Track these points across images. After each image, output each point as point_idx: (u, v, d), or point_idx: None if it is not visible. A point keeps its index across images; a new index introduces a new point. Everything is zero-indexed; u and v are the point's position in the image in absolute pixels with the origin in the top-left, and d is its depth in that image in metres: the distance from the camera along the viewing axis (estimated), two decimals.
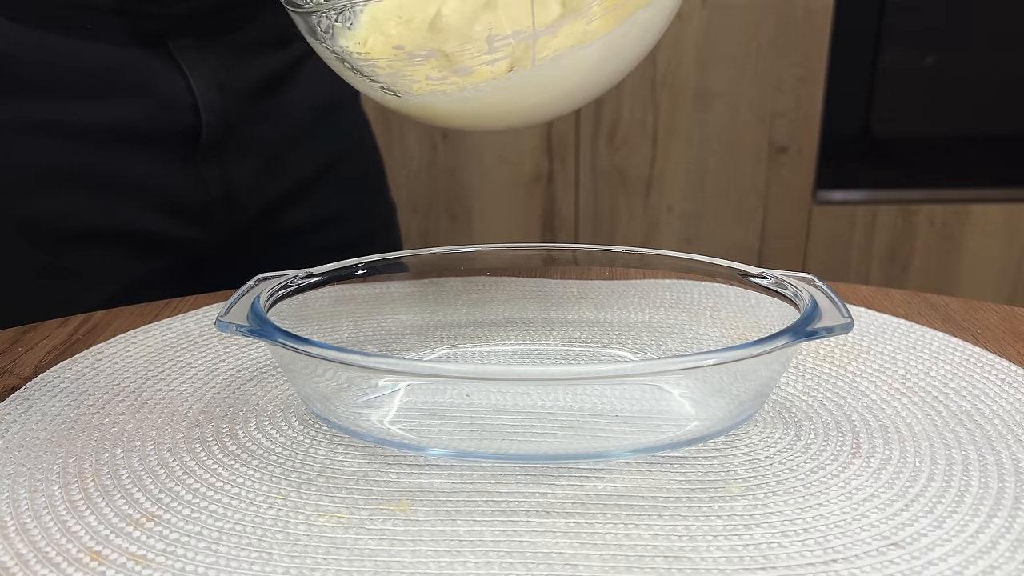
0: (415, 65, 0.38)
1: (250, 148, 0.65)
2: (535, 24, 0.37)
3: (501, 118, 0.42)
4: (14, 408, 0.38)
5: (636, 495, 0.31)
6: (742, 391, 0.36)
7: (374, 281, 0.48)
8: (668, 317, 0.47)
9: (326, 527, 0.30)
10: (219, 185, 0.63)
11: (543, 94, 0.40)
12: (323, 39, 0.40)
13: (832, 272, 1.53)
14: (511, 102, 0.40)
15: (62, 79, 0.57)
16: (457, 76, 0.38)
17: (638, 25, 0.39)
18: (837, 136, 1.51)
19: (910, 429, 0.36)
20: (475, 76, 0.38)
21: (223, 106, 0.62)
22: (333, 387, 0.36)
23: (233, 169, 0.64)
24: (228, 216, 0.65)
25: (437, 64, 0.38)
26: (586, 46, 0.38)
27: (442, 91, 0.39)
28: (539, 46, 0.37)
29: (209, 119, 0.61)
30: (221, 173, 0.63)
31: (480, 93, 0.39)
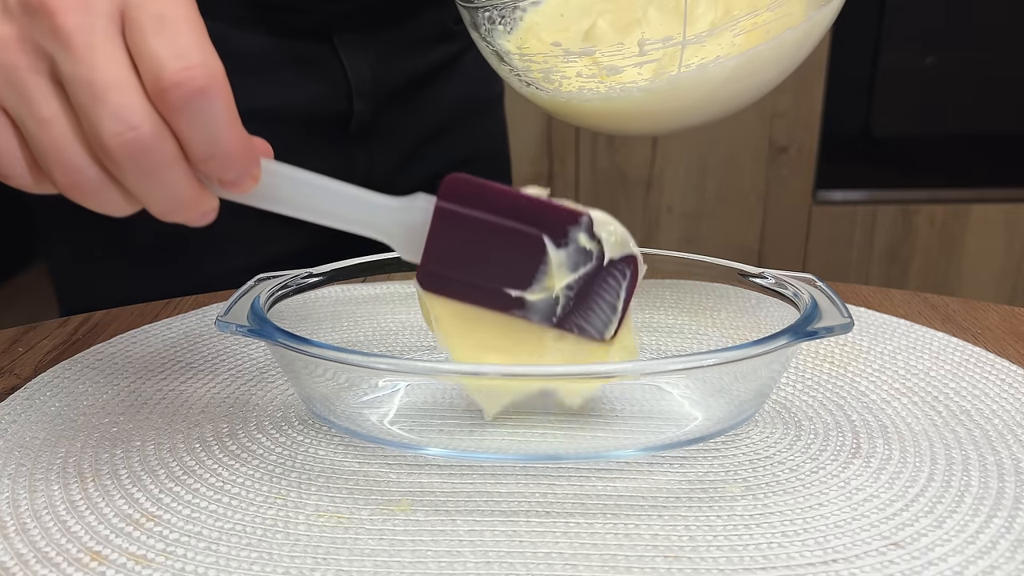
0: (569, 62, 0.41)
1: (398, 136, 0.68)
2: (685, 33, 0.39)
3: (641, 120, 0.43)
4: (14, 408, 0.38)
5: (636, 495, 0.31)
6: (742, 391, 0.36)
7: (374, 281, 0.48)
8: (668, 317, 0.47)
9: (326, 527, 0.30)
10: (364, 169, 0.67)
11: (684, 100, 0.41)
12: (484, 35, 0.44)
13: (832, 272, 1.53)
14: (653, 105, 0.41)
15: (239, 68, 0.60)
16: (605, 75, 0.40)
17: (785, 43, 0.41)
18: (837, 136, 1.51)
19: (910, 429, 0.36)
20: (622, 77, 0.40)
21: (376, 96, 0.65)
22: (333, 387, 0.36)
23: (380, 155, 0.67)
24: None
25: (589, 62, 0.41)
26: (731, 57, 0.39)
27: (589, 89, 0.41)
28: (687, 54, 0.39)
29: (360, 107, 0.64)
30: (366, 157, 0.67)
31: (625, 93, 0.40)
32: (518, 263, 0.33)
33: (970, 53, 1.53)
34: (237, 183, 0.31)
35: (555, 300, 0.33)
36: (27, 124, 0.28)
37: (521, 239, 0.33)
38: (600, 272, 0.33)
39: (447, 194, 0.33)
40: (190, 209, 0.31)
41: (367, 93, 0.65)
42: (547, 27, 0.43)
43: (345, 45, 0.63)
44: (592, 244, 0.33)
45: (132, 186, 0.29)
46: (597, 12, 0.41)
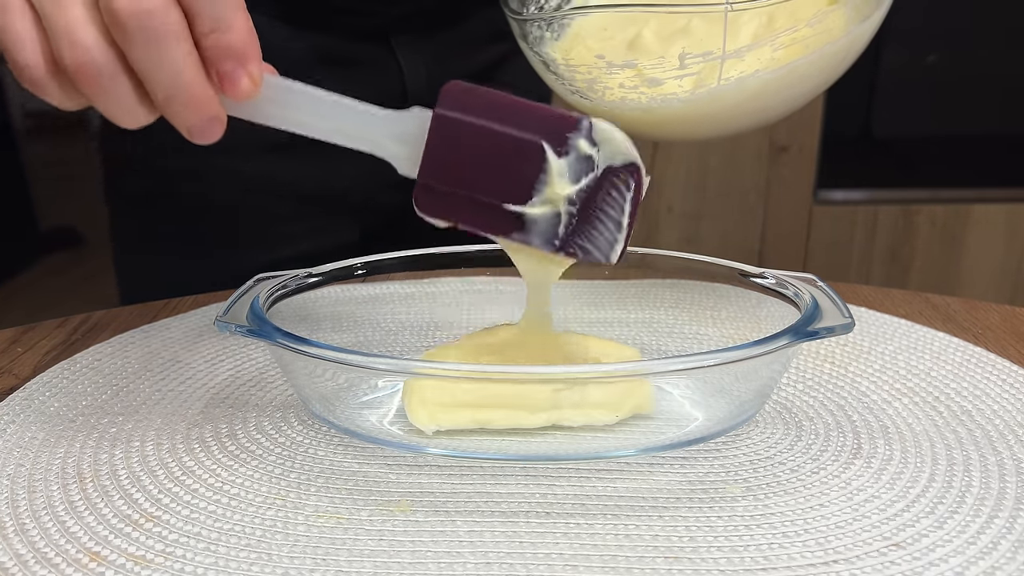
0: (612, 74, 0.42)
1: None
2: (725, 47, 0.39)
3: (681, 129, 0.45)
4: (13, 408, 0.38)
5: (636, 496, 0.31)
6: (743, 391, 0.36)
7: (374, 281, 0.48)
8: (668, 317, 0.47)
9: (325, 528, 0.30)
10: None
11: (723, 111, 0.42)
12: (532, 44, 0.45)
13: (833, 272, 1.53)
14: (692, 115, 0.42)
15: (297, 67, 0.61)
16: (647, 87, 0.41)
17: (824, 57, 0.41)
18: (838, 136, 1.51)
19: (911, 429, 0.36)
20: (663, 88, 0.41)
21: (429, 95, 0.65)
22: (333, 387, 0.36)
23: None
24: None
25: (631, 74, 0.42)
26: (770, 71, 0.40)
27: (631, 99, 0.42)
28: (726, 67, 0.40)
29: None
30: None
31: (665, 104, 0.42)
32: (517, 174, 0.32)
33: (970, 53, 1.53)
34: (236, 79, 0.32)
35: (556, 217, 0.33)
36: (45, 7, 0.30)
37: (520, 147, 0.32)
38: (603, 184, 0.32)
39: (446, 101, 0.33)
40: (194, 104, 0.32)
41: (421, 93, 0.65)
42: (593, 35, 0.44)
43: (402, 47, 0.65)
44: (593, 151, 0.32)
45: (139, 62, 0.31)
46: (642, 22, 0.42)
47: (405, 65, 0.65)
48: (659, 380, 0.38)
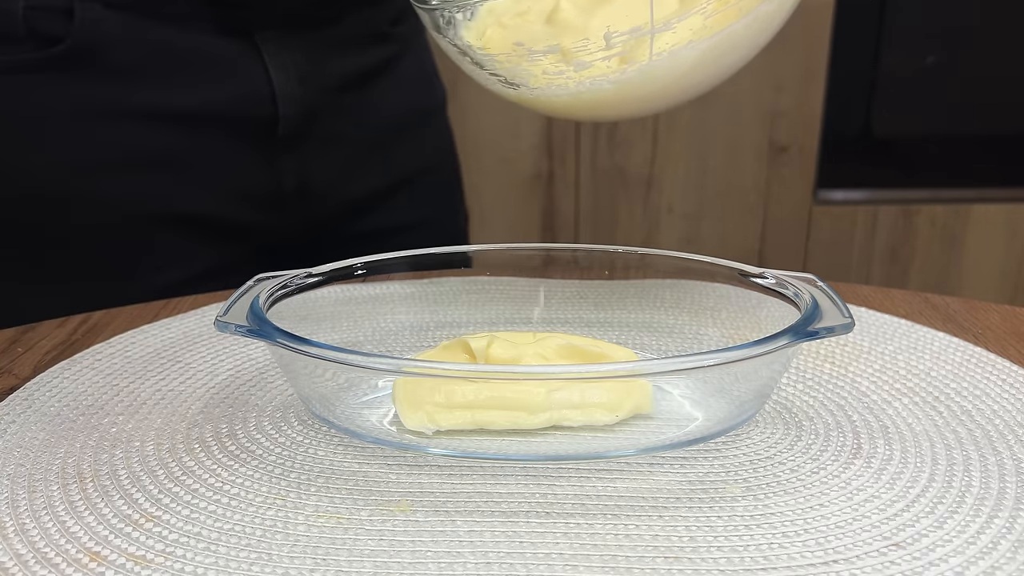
0: (534, 60, 0.39)
1: (333, 144, 0.65)
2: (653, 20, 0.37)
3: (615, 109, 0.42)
4: (13, 408, 0.38)
5: (636, 496, 0.31)
6: (743, 391, 0.36)
7: (374, 281, 0.48)
8: (668, 317, 0.47)
9: (326, 528, 0.30)
10: (295, 177, 0.64)
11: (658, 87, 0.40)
12: (445, 32, 0.42)
13: (833, 272, 1.53)
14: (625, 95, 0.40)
15: (149, 65, 0.59)
16: (573, 71, 0.39)
17: (760, 19, 0.39)
18: (838, 136, 1.51)
19: (911, 429, 0.36)
20: (591, 71, 0.39)
21: (304, 99, 0.62)
22: (333, 387, 0.36)
23: (312, 163, 0.64)
24: (301, 209, 0.65)
25: (555, 59, 0.39)
26: (704, 40, 0.38)
27: (559, 84, 0.40)
28: (657, 41, 0.37)
29: (287, 110, 0.62)
30: (298, 166, 0.64)
31: (595, 87, 0.39)
32: None
33: (971, 53, 1.53)
34: None
35: None
36: None
37: None
38: None
39: None
40: None
41: (294, 96, 0.61)
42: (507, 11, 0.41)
43: (267, 43, 0.60)
44: None
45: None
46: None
47: (271, 64, 0.61)
48: (659, 380, 0.38)
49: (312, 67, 0.62)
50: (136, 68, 0.58)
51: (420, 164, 0.71)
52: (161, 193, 0.60)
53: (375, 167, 0.68)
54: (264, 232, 0.65)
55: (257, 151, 0.62)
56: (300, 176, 0.64)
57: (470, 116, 1.45)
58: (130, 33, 0.58)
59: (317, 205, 0.66)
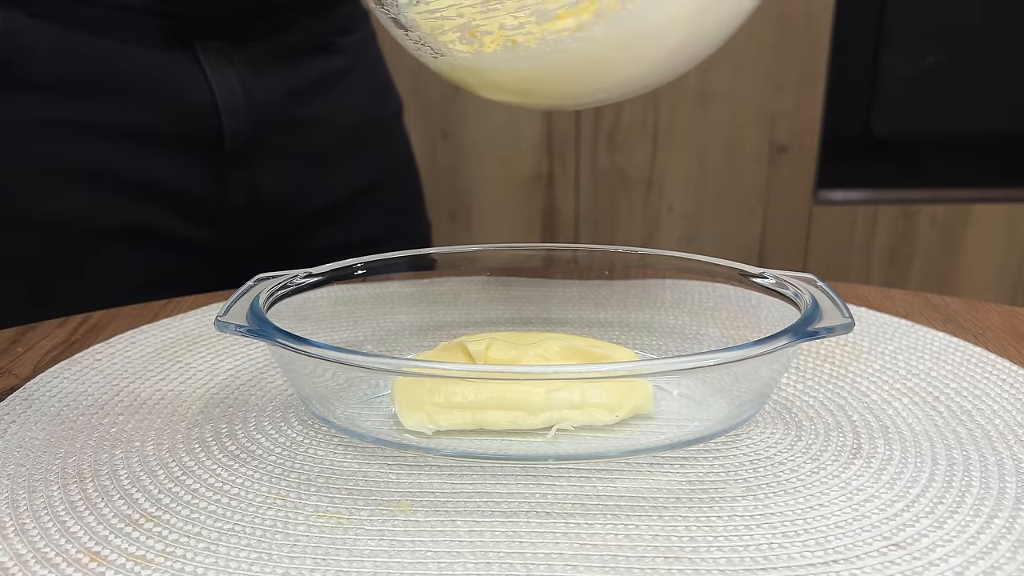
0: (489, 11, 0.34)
1: (283, 158, 0.63)
2: None
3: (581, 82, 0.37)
4: (13, 408, 0.38)
5: (636, 496, 0.31)
6: (743, 391, 0.36)
7: (374, 281, 0.48)
8: (668, 317, 0.47)
9: (326, 528, 0.30)
10: (244, 192, 0.62)
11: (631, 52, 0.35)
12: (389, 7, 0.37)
13: (833, 272, 1.53)
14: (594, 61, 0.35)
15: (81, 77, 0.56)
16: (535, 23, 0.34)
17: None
18: (838, 136, 1.51)
19: (911, 429, 0.36)
20: (555, 24, 0.34)
21: (250, 112, 0.60)
22: (333, 387, 0.36)
23: (263, 177, 0.63)
24: (253, 224, 0.64)
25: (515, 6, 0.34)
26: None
27: (518, 46, 0.34)
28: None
29: (232, 124, 0.60)
30: (248, 180, 0.62)
31: (560, 46, 0.34)
32: None
33: (971, 53, 1.53)
34: None
35: None
36: None
37: None
38: None
39: None
40: None
41: (239, 110, 0.60)
42: None
43: (208, 55, 0.58)
44: None
45: None
46: None
47: (213, 77, 0.58)
48: (659, 380, 0.38)
49: (257, 79, 0.60)
50: (66, 79, 0.56)
51: (376, 176, 0.70)
52: (102, 208, 0.58)
53: (329, 180, 0.66)
54: (212, 246, 0.63)
55: (203, 166, 0.60)
56: (250, 190, 0.62)
57: (470, 116, 1.45)
58: (57, 44, 0.55)
59: (269, 220, 0.64)
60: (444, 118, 1.46)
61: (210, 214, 0.62)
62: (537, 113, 1.46)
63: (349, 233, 0.69)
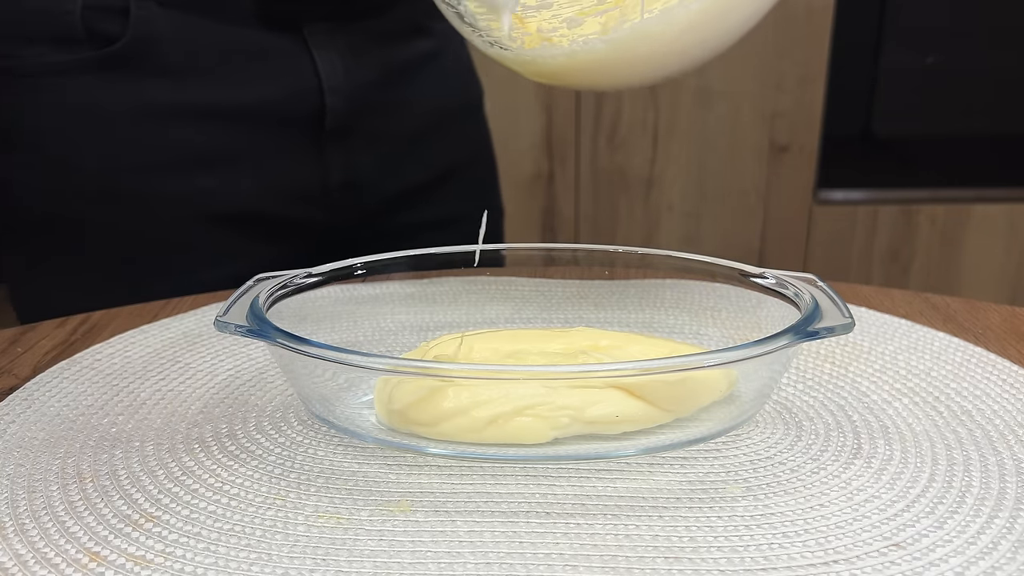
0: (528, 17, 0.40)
1: (376, 138, 0.66)
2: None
3: (611, 73, 0.41)
4: (13, 408, 0.38)
5: (636, 496, 0.31)
6: (743, 391, 0.36)
7: (374, 281, 0.48)
8: (668, 317, 0.47)
9: (325, 528, 0.30)
10: (341, 171, 0.65)
11: (652, 48, 0.39)
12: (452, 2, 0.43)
13: (833, 272, 1.53)
14: (619, 56, 0.39)
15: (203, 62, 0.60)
16: (566, 28, 0.39)
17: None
18: (838, 136, 1.51)
19: (911, 430, 0.36)
20: (584, 28, 0.39)
21: (348, 91, 0.63)
22: (333, 387, 0.36)
23: (359, 157, 0.65)
24: (348, 203, 0.66)
25: (548, 16, 0.40)
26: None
27: (552, 45, 0.40)
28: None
29: (333, 103, 0.62)
30: (345, 160, 0.65)
31: (588, 46, 0.39)
32: None
33: (971, 53, 1.53)
34: None
35: None
36: None
37: None
38: None
39: None
40: None
41: (339, 88, 0.63)
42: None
43: (314, 36, 0.61)
44: None
45: None
46: None
47: (319, 58, 0.62)
48: (659, 380, 0.38)
49: (356, 60, 0.64)
50: (189, 66, 0.59)
51: (459, 159, 0.72)
52: (209, 192, 0.61)
53: (416, 161, 0.69)
54: (312, 227, 0.66)
55: (306, 146, 0.63)
56: (346, 170, 0.65)
57: None
58: (183, 31, 0.58)
59: (362, 199, 0.67)
60: None
61: (311, 193, 0.65)
62: (537, 113, 1.46)
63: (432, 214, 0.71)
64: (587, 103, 1.45)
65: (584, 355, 0.37)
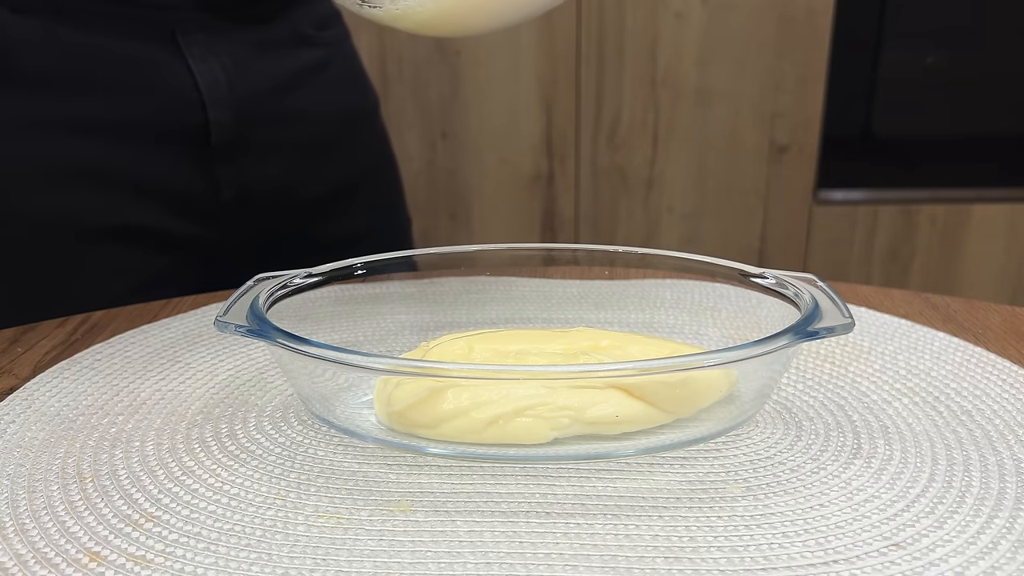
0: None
1: (269, 151, 0.64)
2: None
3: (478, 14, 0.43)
4: (13, 408, 0.38)
5: (636, 496, 0.31)
6: (743, 391, 0.36)
7: (374, 281, 0.48)
8: (668, 317, 0.47)
9: (325, 528, 0.30)
10: (233, 186, 0.63)
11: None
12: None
13: (833, 272, 1.53)
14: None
15: (68, 73, 0.57)
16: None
17: None
18: (838, 136, 1.51)
19: (911, 429, 0.36)
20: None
21: (233, 103, 0.61)
22: (333, 387, 0.36)
23: (251, 171, 0.63)
24: (242, 218, 0.64)
25: None
26: None
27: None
28: None
29: (217, 116, 0.60)
30: (236, 174, 0.63)
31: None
32: None
33: (971, 53, 1.53)
34: None
35: None
36: None
37: None
38: None
39: None
40: None
41: (223, 101, 0.60)
42: None
43: (191, 47, 0.59)
44: None
45: None
46: None
47: (197, 69, 0.59)
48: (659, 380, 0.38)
49: (240, 71, 0.61)
50: (55, 76, 0.56)
51: (358, 169, 0.71)
52: (94, 206, 0.58)
53: (311, 173, 0.67)
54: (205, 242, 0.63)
55: (192, 160, 0.61)
56: (239, 185, 0.63)
57: (470, 116, 1.45)
58: (45, 39, 0.55)
59: (259, 214, 0.65)
60: (444, 119, 1.46)
61: (202, 210, 0.63)
62: (537, 113, 1.46)
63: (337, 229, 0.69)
64: (587, 103, 1.45)
65: (584, 356, 0.37)
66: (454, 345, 0.37)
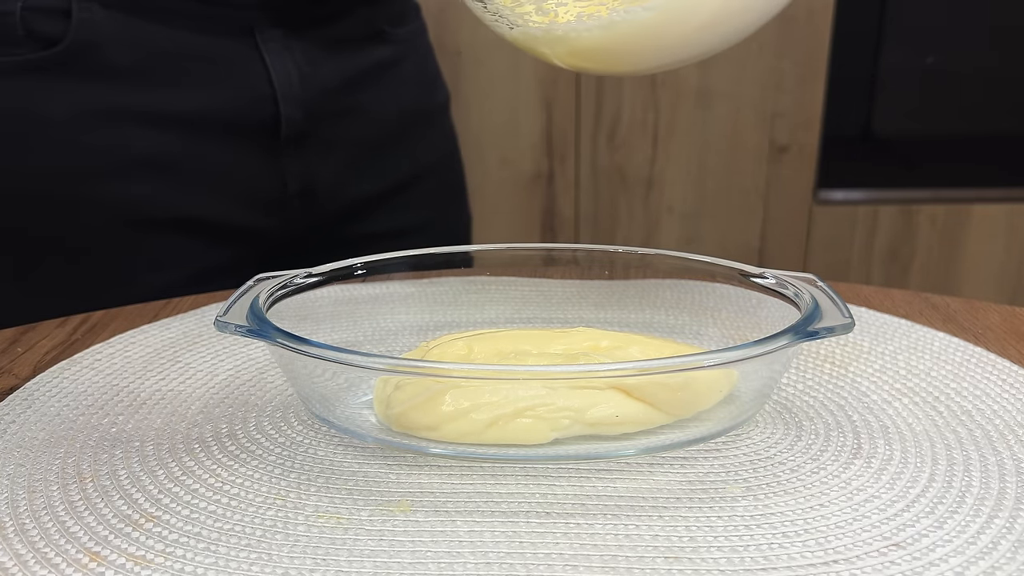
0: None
1: (335, 146, 0.65)
2: None
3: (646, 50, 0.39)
4: (13, 408, 0.38)
5: (636, 496, 0.31)
6: (743, 391, 0.36)
7: (374, 281, 0.48)
8: (668, 317, 0.47)
9: (325, 528, 0.30)
10: (299, 179, 0.64)
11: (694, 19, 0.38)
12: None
13: (833, 272, 1.53)
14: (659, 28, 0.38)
15: (150, 66, 0.59)
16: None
17: None
18: (838, 136, 1.51)
19: (911, 429, 0.36)
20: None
21: (304, 99, 0.62)
22: (333, 387, 0.36)
23: (316, 165, 0.64)
24: (306, 211, 0.65)
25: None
26: None
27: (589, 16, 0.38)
28: None
29: (288, 111, 0.62)
30: (302, 168, 0.64)
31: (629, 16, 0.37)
32: None
33: (971, 52, 1.53)
34: None
35: None
36: None
37: None
38: None
39: None
40: None
41: (295, 97, 0.62)
42: None
43: (268, 43, 0.60)
44: None
45: None
46: None
47: (273, 65, 0.61)
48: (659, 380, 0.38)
49: (312, 67, 0.62)
50: (136, 69, 0.58)
51: (422, 166, 0.71)
52: (163, 197, 0.60)
53: (377, 168, 0.68)
54: (267, 235, 0.65)
55: (261, 154, 0.62)
56: (304, 178, 0.64)
57: (471, 116, 1.45)
58: (129, 33, 0.57)
59: (321, 207, 0.66)
60: None
61: (267, 202, 0.64)
62: (537, 112, 1.46)
63: (392, 222, 0.70)
64: (587, 102, 1.45)
65: (585, 356, 0.37)
66: (454, 345, 0.37)
